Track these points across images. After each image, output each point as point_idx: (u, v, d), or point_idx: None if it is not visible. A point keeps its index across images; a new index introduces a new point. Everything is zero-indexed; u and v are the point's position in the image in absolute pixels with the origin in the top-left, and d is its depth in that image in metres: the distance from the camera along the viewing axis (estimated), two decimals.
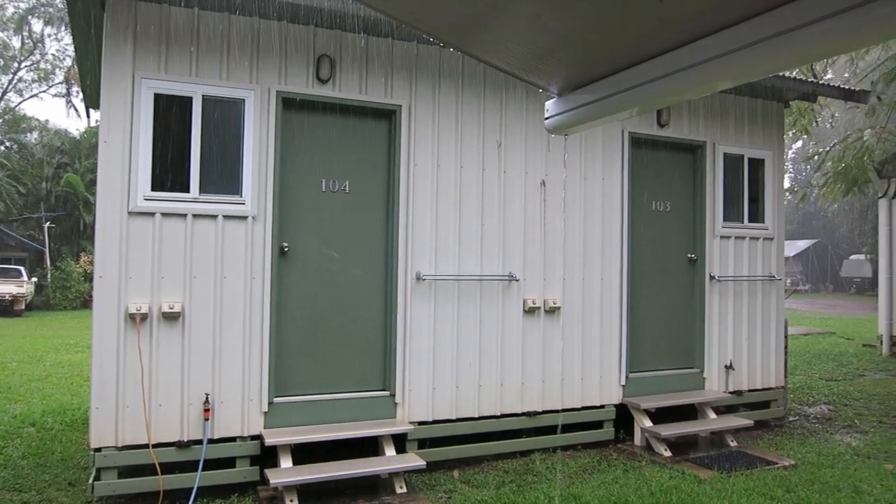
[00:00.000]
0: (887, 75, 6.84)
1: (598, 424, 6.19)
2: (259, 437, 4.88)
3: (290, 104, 5.13)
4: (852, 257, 34.73)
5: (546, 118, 2.19)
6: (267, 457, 4.90)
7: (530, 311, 5.85)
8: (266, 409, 4.95)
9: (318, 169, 5.27)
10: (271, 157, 4.99)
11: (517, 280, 5.80)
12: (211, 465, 4.78)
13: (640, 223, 6.51)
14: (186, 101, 4.79)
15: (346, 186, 5.35)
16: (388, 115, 5.48)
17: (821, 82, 7.63)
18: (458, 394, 5.58)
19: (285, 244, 5.11)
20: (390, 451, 5.09)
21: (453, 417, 5.57)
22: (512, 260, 5.80)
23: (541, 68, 2.00)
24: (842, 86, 7.80)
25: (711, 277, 6.73)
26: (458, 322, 5.58)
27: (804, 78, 8.42)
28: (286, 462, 4.75)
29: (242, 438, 4.90)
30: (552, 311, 5.95)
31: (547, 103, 2.18)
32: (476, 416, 5.66)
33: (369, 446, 5.20)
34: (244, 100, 4.94)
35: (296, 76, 5.12)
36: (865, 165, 10.66)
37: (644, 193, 6.56)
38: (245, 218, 4.92)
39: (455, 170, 5.61)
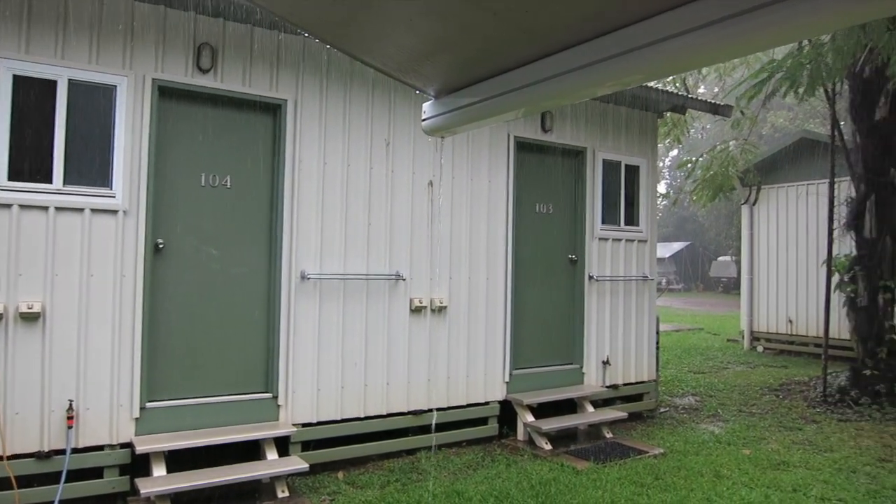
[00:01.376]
0: (748, 92, 7.42)
1: (483, 421, 6.32)
2: (130, 445, 4.62)
3: (167, 93, 4.88)
4: (720, 258, 37.43)
5: (423, 120, 2.20)
6: (139, 465, 4.65)
7: (417, 311, 5.89)
8: (137, 415, 4.69)
9: (197, 163, 5.05)
10: (145, 149, 4.73)
11: (404, 279, 5.82)
12: (76, 476, 4.47)
13: (525, 224, 6.71)
14: (50, 85, 4.44)
15: (227, 181, 5.16)
16: (273, 110, 5.34)
17: (691, 96, 8.16)
18: (344, 394, 5.52)
19: (160, 241, 4.86)
20: (272, 454, 4.96)
21: (338, 418, 5.50)
22: (399, 259, 5.81)
23: (417, 70, 2.01)
24: (710, 100, 8.39)
25: (590, 277, 7.05)
26: (343, 321, 5.52)
27: (676, 91, 8.97)
28: (159, 470, 4.52)
29: (111, 446, 4.61)
30: (439, 310, 6.02)
31: (424, 105, 2.20)
32: (362, 416, 5.62)
33: (252, 451, 5.05)
34: (116, 86, 4.65)
35: (174, 64, 4.88)
36: (730, 174, 11.50)
37: (528, 196, 6.76)
38: (115, 212, 4.63)
39: (342, 168, 5.55)
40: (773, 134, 27.59)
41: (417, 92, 2.18)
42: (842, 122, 9.13)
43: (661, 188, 45.48)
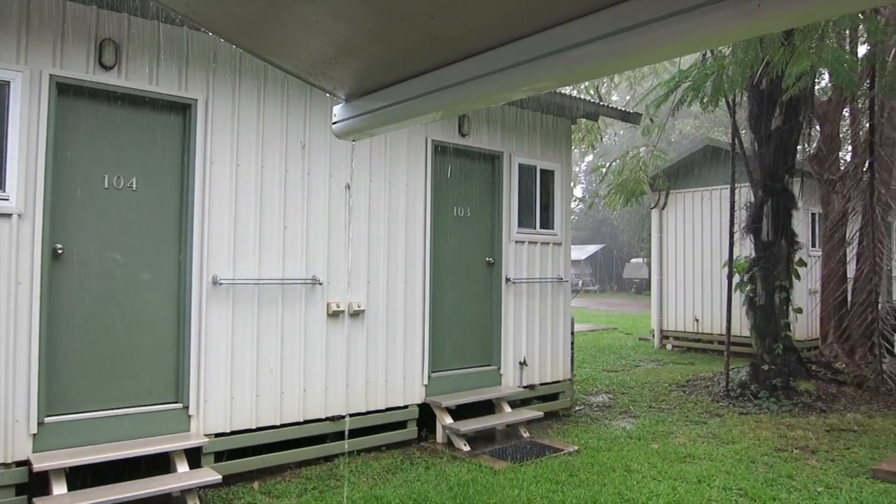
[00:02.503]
0: (656, 100, 7.74)
1: (402, 424, 6.31)
2: (27, 463, 4.34)
3: (67, 90, 4.63)
4: (632, 260, 38.85)
5: (333, 123, 2.18)
6: (38, 485, 4.37)
7: (334, 315, 5.82)
8: (35, 431, 4.42)
9: (100, 164, 4.82)
10: (42, 149, 4.47)
11: (321, 284, 5.74)
12: None
13: (443, 228, 6.75)
14: None
15: (133, 183, 4.94)
16: (182, 109, 5.15)
17: (603, 104, 8.44)
18: (259, 402, 5.39)
19: (59, 246, 4.60)
20: (183, 467, 4.78)
21: (254, 427, 5.37)
22: (316, 263, 5.73)
23: (326, 73, 1.99)
24: (622, 108, 8.71)
25: (507, 280, 7.17)
26: (258, 327, 5.39)
27: (590, 99, 9.26)
28: (59, 489, 4.27)
29: (6, 465, 4.33)
30: (356, 314, 5.97)
31: (335, 108, 2.18)
32: (278, 423, 5.50)
33: (163, 464, 4.85)
34: (10, 82, 4.38)
35: (74, 60, 4.64)
36: (641, 179, 11.97)
37: (446, 199, 6.81)
38: (9, 216, 4.35)
39: (256, 170, 5.42)
40: (681, 141, 28.90)
41: (328, 95, 2.16)
42: (743, 131, 9.65)
43: (578, 192, 46.79)
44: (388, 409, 6.20)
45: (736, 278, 9.31)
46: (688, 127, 29.60)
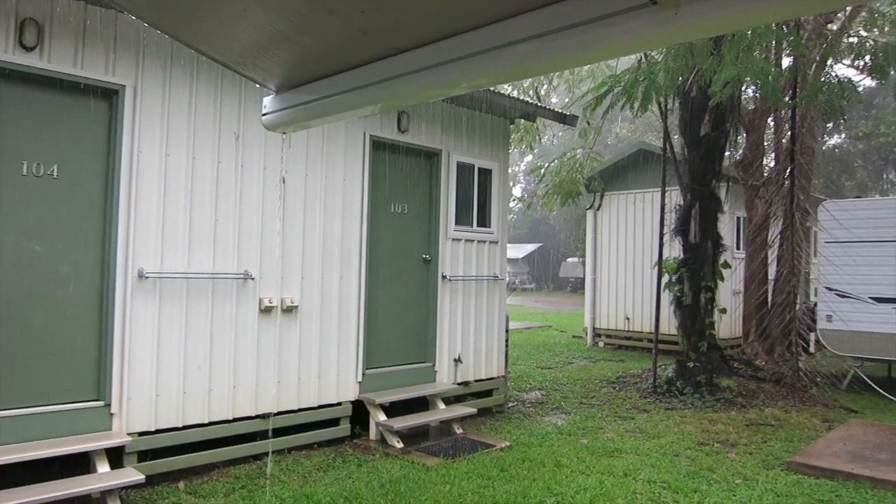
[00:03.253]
0: (591, 103, 7.90)
1: (335, 422, 6.25)
2: None
3: None
4: (569, 260, 39.63)
5: (263, 114, 2.14)
6: None
7: (266, 311, 5.71)
8: None
9: (18, 149, 4.57)
10: None
11: (253, 278, 5.63)
12: None
13: (380, 224, 6.72)
14: None
15: (54, 171, 4.72)
16: (109, 95, 4.95)
17: (540, 105, 8.56)
18: (186, 400, 5.24)
19: None
20: (103, 467, 4.61)
21: (180, 425, 5.21)
22: (248, 258, 5.61)
23: (256, 63, 1.95)
24: (560, 110, 8.85)
25: (444, 277, 7.19)
26: (186, 323, 5.24)
27: (528, 100, 9.38)
28: None
29: None
30: (290, 310, 5.87)
31: (265, 100, 2.14)
32: (206, 421, 5.36)
33: (83, 464, 4.66)
34: None
35: None
36: (577, 180, 12.20)
37: (384, 195, 6.78)
38: None
39: (187, 160, 5.26)
40: (617, 144, 29.63)
41: (258, 86, 2.12)
42: (675, 136, 9.96)
43: (517, 192, 47.35)
44: (321, 407, 6.14)
45: (665, 278, 9.61)
46: (624, 130, 30.37)
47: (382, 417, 6.30)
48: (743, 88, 9.40)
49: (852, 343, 9.33)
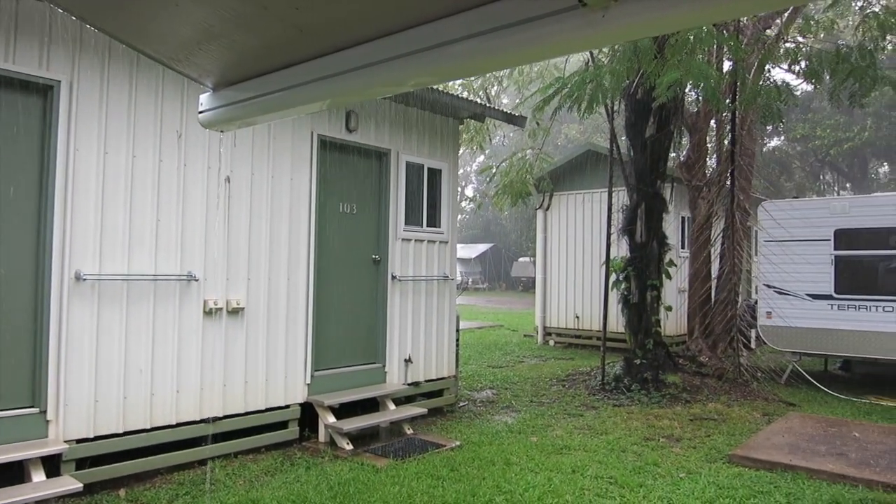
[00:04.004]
0: (538, 104, 7.99)
1: (283, 425, 6.16)
2: None
3: None
4: (520, 259, 39.98)
5: (200, 112, 2.09)
6: None
7: (211, 313, 5.59)
8: None
9: None
10: None
11: (197, 280, 5.50)
12: None
13: (328, 224, 6.65)
14: None
15: None
16: (43, 91, 4.77)
17: (489, 105, 8.61)
18: (127, 405, 5.09)
19: None
20: (39, 476, 4.44)
21: (121, 431, 5.06)
22: (192, 259, 5.48)
23: (190, 59, 1.90)
24: (510, 111, 8.92)
25: (393, 277, 7.16)
26: (127, 326, 5.08)
27: (477, 100, 9.42)
28: None
29: None
30: (235, 311, 5.76)
31: (201, 97, 2.09)
32: (148, 427, 5.22)
33: (17, 473, 4.47)
34: None
35: None
36: (527, 181, 12.33)
37: (332, 195, 6.71)
38: None
39: (127, 159, 5.11)
40: (566, 145, 30.05)
41: (194, 83, 2.07)
42: (622, 138, 10.15)
43: (469, 192, 47.56)
44: (268, 410, 6.04)
45: (613, 277, 9.78)
46: (573, 132, 30.83)
47: (332, 419, 6.24)
48: (687, 91, 9.63)
49: (790, 339, 9.67)
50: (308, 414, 6.37)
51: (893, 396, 8.92)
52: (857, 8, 12.74)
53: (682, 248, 12.97)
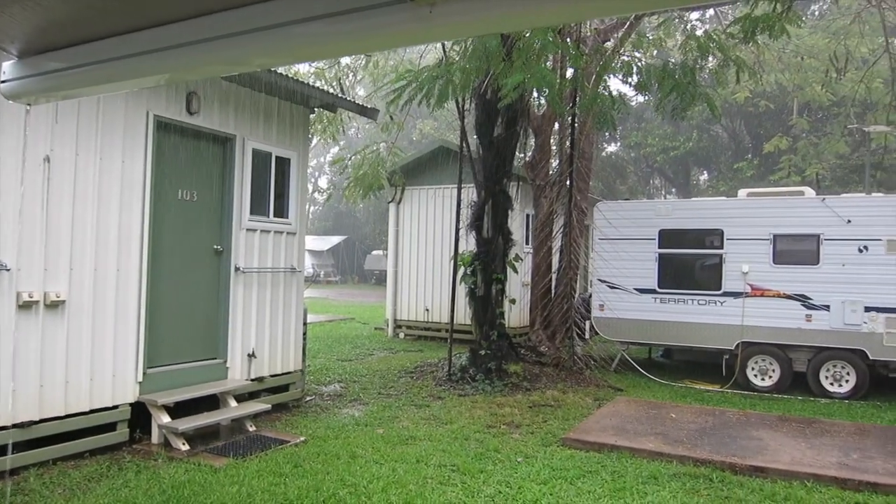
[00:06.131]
0: (389, 97, 8.01)
1: (111, 427, 5.72)
2: None
3: None
4: (374, 252, 39.93)
5: (2, 82, 1.87)
6: None
7: (26, 306, 5.06)
8: None
9: None
10: None
11: (9, 270, 4.94)
12: None
13: (166, 212, 6.25)
14: None
15: None
16: None
17: (340, 96, 8.49)
18: None
19: None
20: None
21: None
22: (3, 247, 4.92)
23: None
24: (364, 103, 8.86)
25: (237, 269, 6.87)
26: None
27: (329, 90, 9.27)
28: None
29: None
30: (55, 305, 5.25)
31: (4, 65, 1.87)
32: None
33: None
34: None
35: None
36: (379, 174, 12.32)
37: (171, 181, 6.31)
38: None
39: None
40: (421, 140, 30.39)
41: None
42: (474, 136, 10.42)
43: (323, 183, 46.81)
44: (94, 411, 5.57)
45: (461, 271, 10.05)
46: (428, 127, 31.24)
47: (166, 419, 5.89)
48: (535, 95, 10.07)
49: (620, 329, 10.46)
50: (141, 414, 5.96)
51: (706, 380, 9.93)
52: (688, 28, 13.96)
53: (527, 243, 13.58)
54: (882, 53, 12.81)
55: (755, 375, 9.51)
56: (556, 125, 12.50)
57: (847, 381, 9.01)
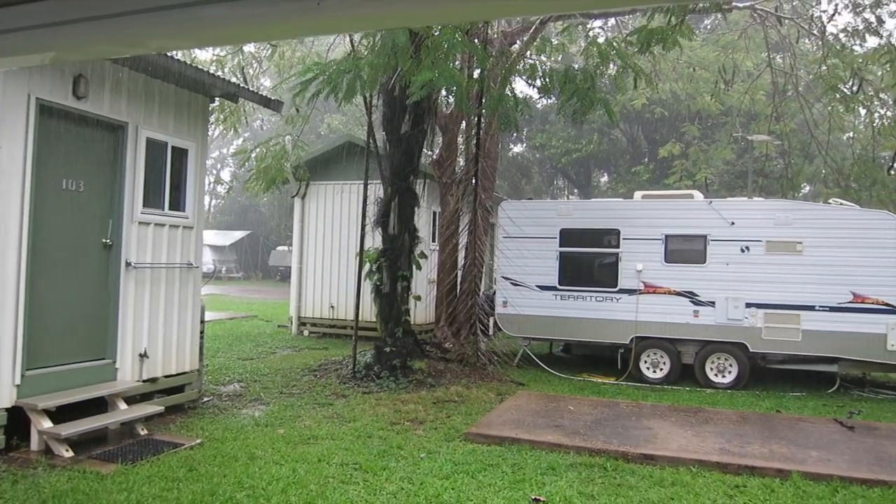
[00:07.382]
0: (296, 89, 7.83)
1: None
2: None
3: None
4: (278, 248, 38.95)
5: None
6: None
7: None
8: None
9: None
10: None
11: None
12: None
13: (48, 202, 5.84)
14: None
15: None
16: None
17: (243, 86, 8.23)
18: None
19: None
20: None
21: None
22: None
23: None
24: (268, 94, 8.61)
25: (128, 264, 6.52)
26: None
27: (231, 79, 8.97)
28: None
29: None
30: None
31: None
32: None
33: None
34: None
35: None
36: (283, 167, 12.04)
37: (54, 170, 5.90)
38: None
39: None
40: (329, 134, 29.93)
41: None
42: (383, 133, 10.36)
43: (225, 175, 45.23)
44: None
45: (367, 268, 9.98)
46: (336, 122, 30.78)
47: (47, 424, 5.51)
48: (443, 94, 10.12)
49: (522, 325, 10.72)
50: (20, 420, 5.55)
51: (603, 374, 10.34)
52: (590, 35, 14.44)
53: (433, 240, 13.65)
54: (765, 68, 13.77)
55: (648, 368, 10.00)
56: (463, 124, 12.64)
57: (730, 372, 9.63)
